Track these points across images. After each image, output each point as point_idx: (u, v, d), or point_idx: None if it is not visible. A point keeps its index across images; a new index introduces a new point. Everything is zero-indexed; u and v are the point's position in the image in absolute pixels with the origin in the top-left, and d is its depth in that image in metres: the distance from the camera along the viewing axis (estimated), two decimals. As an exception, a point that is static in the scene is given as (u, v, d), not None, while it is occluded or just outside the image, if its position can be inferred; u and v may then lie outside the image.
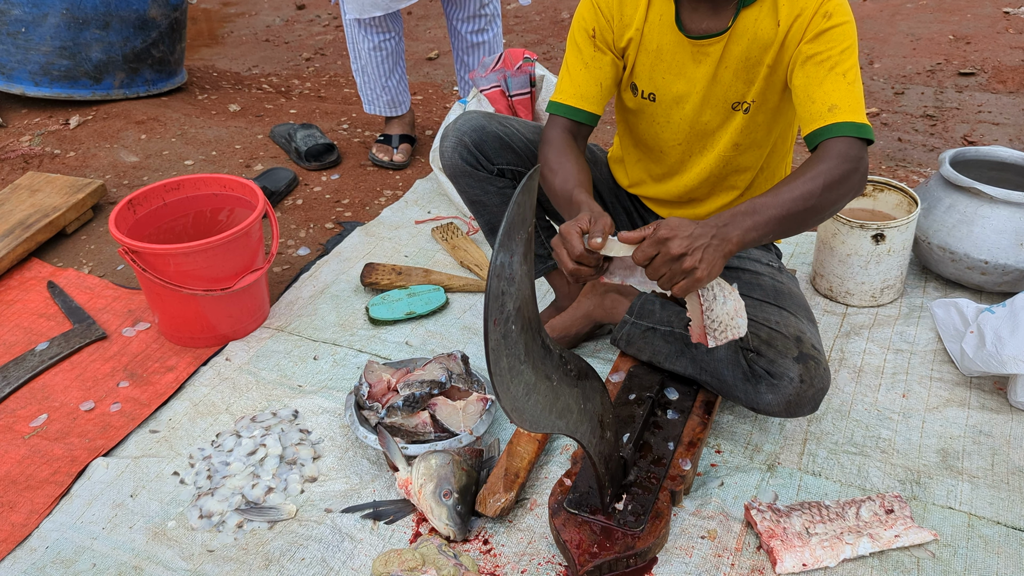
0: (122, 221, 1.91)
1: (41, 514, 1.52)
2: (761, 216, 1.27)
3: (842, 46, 1.39)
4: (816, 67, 1.40)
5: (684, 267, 1.20)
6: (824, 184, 1.31)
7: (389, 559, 1.33)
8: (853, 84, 1.39)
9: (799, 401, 1.47)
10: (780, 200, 1.29)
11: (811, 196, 1.30)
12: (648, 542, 1.35)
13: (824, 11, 1.40)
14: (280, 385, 1.83)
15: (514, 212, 0.97)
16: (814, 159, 1.35)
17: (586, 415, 1.27)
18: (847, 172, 1.33)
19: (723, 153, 1.59)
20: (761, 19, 1.44)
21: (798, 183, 1.31)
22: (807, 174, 1.32)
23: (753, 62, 1.48)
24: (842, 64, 1.39)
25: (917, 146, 2.94)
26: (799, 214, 1.30)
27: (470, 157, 1.72)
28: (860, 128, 1.37)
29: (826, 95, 1.38)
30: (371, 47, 2.69)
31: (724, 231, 1.24)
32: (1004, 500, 1.48)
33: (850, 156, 1.34)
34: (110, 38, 3.15)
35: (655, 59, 1.54)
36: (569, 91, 1.58)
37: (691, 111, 1.56)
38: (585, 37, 1.56)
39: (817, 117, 1.39)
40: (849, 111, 1.37)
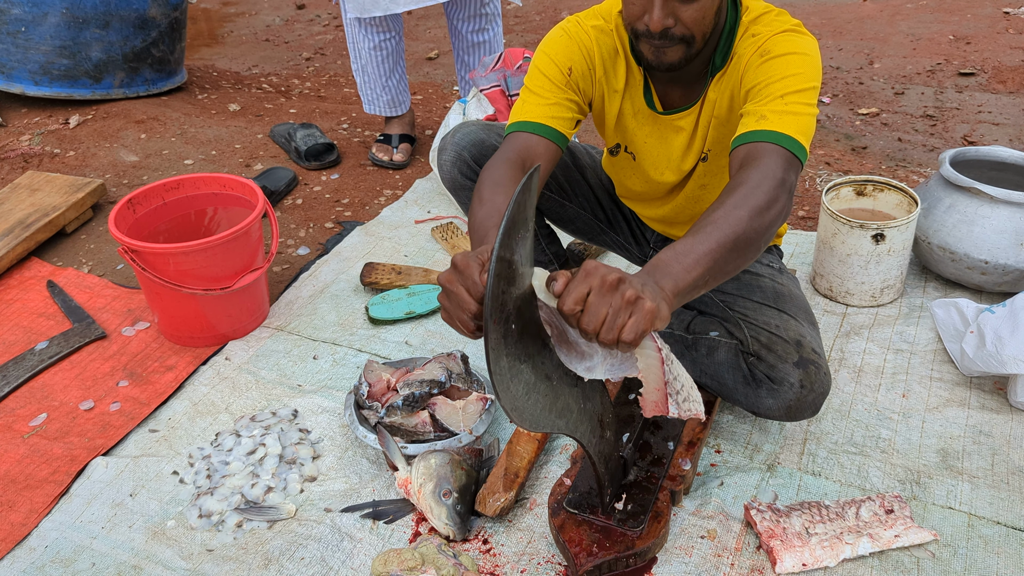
0: (122, 220, 1.91)
1: (40, 513, 1.52)
2: (689, 257, 1.10)
3: (782, 73, 1.30)
4: (754, 96, 1.32)
5: (627, 297, 0.98)
6: (751, 210, 1.15)
7: (388, 559, 1.33)
8: (791, 106, 1.28)
9: (800, 406, 1.47)
10: (707, 237, 1.12)
11: (739, 224, 1.14)
12: (648, 542, 1.35)
13: (761, 51, 1.33)
14: (280, 384, 1.83)
15: (514, 211, 0.97)
16: (732, 184, 1.21)
17: (586, 415, 1.27)
18: (771, 196, 1.18)
19: (690, 193, 1.60)
20: (722, 81, 1.41)
21: (721, 213, 1.15)
22: (728, 201, 1.17)
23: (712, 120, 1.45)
24: (781, 87, 1.29)
25: (917, 146, 2.94)
26: (733, 249, 1.13)
27: (469, 172, 1.71)
28: (790, 141, 1.25)
29: (757, 109, 1.30)
30: (371, 46, 2.69)
31: (657, 279, 1.06)
32: (1004, 500, 1.48)
33: (771, 174, 1.20)
34: (110, 37, 3.15)
35: (636, 124, 1.52)
36: (537, 111, 1.42)
37: (667, 171, 1.57)
38: (557, 72, 1.44)
39: (743, 126, 1.30)
40: (779, 123, 1.26)
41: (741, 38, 1.38)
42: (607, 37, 1.47)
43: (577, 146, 1.80)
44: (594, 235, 1.84)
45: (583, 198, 1.77)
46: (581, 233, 1.85)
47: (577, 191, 1.75)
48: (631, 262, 1.90)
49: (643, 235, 1.81)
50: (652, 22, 1.26)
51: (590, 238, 1.86)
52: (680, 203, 1.64)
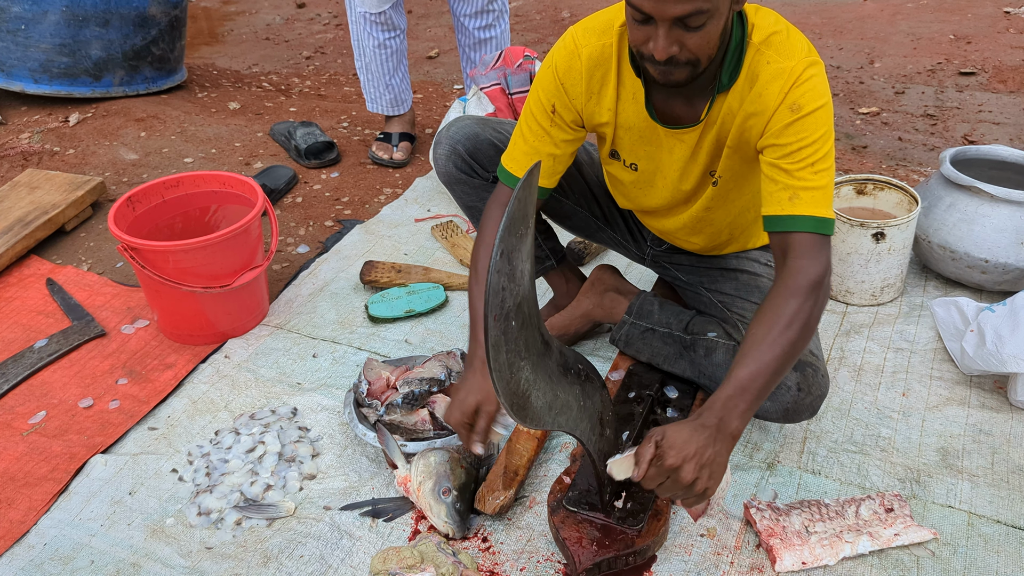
0: (121, 218, 1.90)
1: (39, 511, 1.52)
2: (751, 392, 1.23)
3: (812, 136, 1.31)
4: (783, 158, 1.33)
5: (697, 491, 1.19)
6: (801, 328, 1.26)
7: (388, 557, 1.33)
8: (821, 175, 1.31)
9: (797, 408, 1.47)
10: (763, 365, 1.23)
11: (791, 347, 1.25)
12: (647, 540, 1.35)
13: (790, 103, 1.31)
14: (279, 383, 1.83)
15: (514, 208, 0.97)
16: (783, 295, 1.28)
17: (586, 412, 1.27)
18: (817, 303, 1.28)
19: (696, 213, 1.58)
20: (732, 103, 1.38)
21: (775, 336, 1.25)
22: (781, 321, 1.26)
23: (721, 141, 1.43)
24: (813, 155, 1.31)
25: (917, 145, 2.93)
26: (784, 369, 1.26)
27: (464, 166, 1.71)
28: (821, 223, 1.30)
29: (789, 182, 1.32)
30: (376, 44, 2.69)
31: (724, 427, 1.21)
32: (1004, 499, 1.47)
33: (816, 280, 1.28)
34: (110, 36, 3.14)
35: (635, 136, 1.49)
36: (521, 162, 1.51)
37: (671, 182, 1.54)
38: (543, 111, 1.48)
39: (777, 202, 1.33)
40: (812, 204, 1.30)
41: (753, 59, 1.34)
42: (600, 58, 1.43)
43: None
44: (591, 232, 1.83)
45: (580, 194, 1.76)
46: (579, 230, 1.84)
47: (574, 187, 1.75)
48: (630, 259, 1.89)
49: (640, 233, 1.80)
50: (657, 51, 1.24)
51: (588, 235, 1.85)
52: (684, 221, 1.61)
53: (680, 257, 1.76)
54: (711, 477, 1.19)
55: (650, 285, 2.01)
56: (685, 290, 1.77)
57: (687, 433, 1.19)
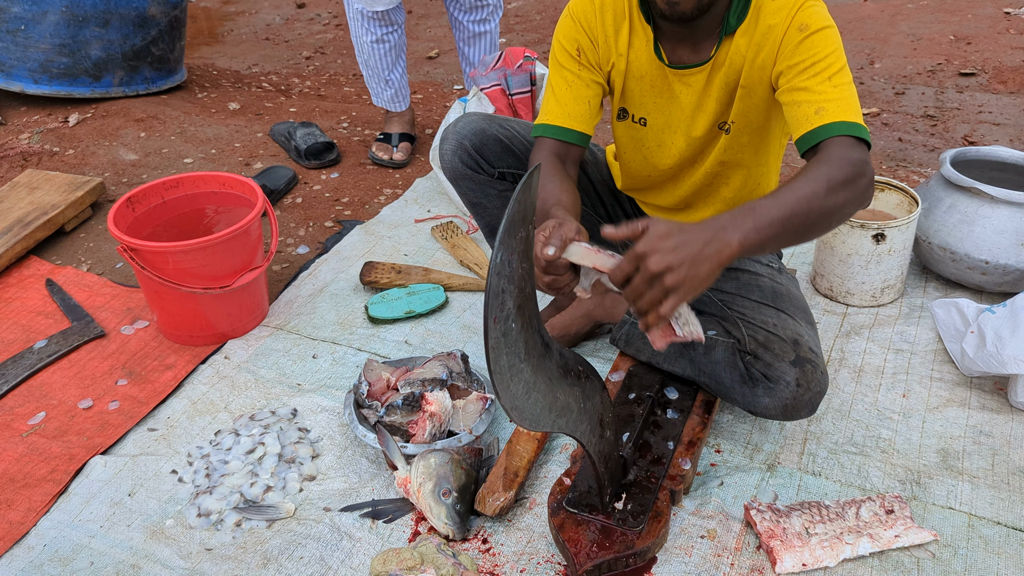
0: (121, 219, 1.90)
1: (39, 512, 1.52)
2: (763, 218, 1.15)
3: (825, 51, 1.33)
4: (799, 75, 1.35)
5: (666, 284, 1.07)
6: (828, 185, 1.21)
7: (388, 558, 1.33)
8: (841, 87, 1.32)
9: (796, 405, 1.47)
10: (783, 202, 1.18)
11: (815, 197, 1.20)
12: (647, 541, 1.35)
13: (798, 24, 1.34)
14: (279, 384, 1.83)
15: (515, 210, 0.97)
16: (813, 162, 1.27)
17: (586, 414, 1.27)
18: (851, 176, 1.24)
19: (709, 169, 1.58)
20: (740, 45, 1.41)
21: (799, 184, 1.21)
22: (808, 176, 1.23)
23: (731, 84, 1.45)
24: (828, 68, 1.33)
25: (918, 146, 2.93)
26: (803, 216, 1.19)
27: (470, 161, 1.71)
28: (853, 127, 1.30)
29: (812, 98, 1.32)
30: (373, 40, 2.69)
31: (723, 235, 1.11)
32: (1004, 500, 1.47)
33: (851, 159, 1.25)
34: (109, 36, 3.14)
35: (644, 86, 1.52)
36: (556, 111, 1.52)
37: (681, 135, 1.55)
38: (568, 56, 1.51)
39: (804, 121, 1.33)
40: (839, 111, 1.30)
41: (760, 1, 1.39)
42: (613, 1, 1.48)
43: None
44: (594, 232, 1.83)
45: (583, 193, 1.76)
46: None
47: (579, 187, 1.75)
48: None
49: (644, 232, 1.80)
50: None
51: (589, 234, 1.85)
52: (699, 180, 1.59)
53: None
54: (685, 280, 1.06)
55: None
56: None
57: (670, 226, 1.10)
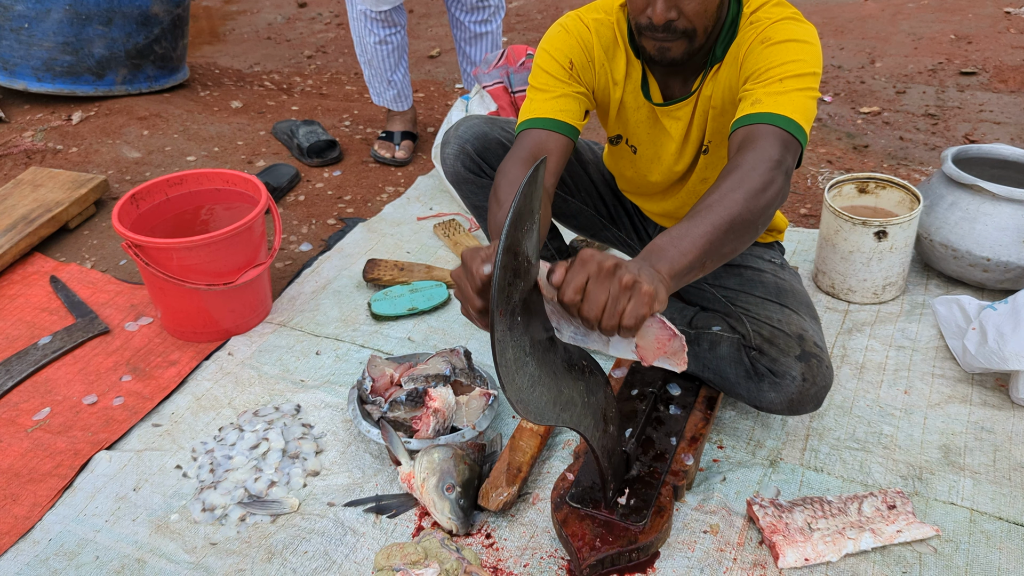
0: (125, 216, 1.91)
1: (44, 507, 1.52)
2: (685, 241, 1.11)
3: (783, 59, 1.29)
4: (752, 81, 1.32)
5: (623, 282, 1.00)
6: (747, 193, 1.16)
7: (391, 553, 1.33)
8: (787, 85, 1.27)
9: (802, 399, 1.47)
10: (702, 221, 1.13)
11: (735, 206, 1.15)
12: (650, 536, 1.35)
13: (761, 37, 1.33)
14: (282, 380, 1.84)
15: (520, 203, 0.98)
16: (728, 167, 1.21)
17: (589, 409, 1.27)
18: (766, 177, 1.18)
19: (692, 187, 1.60)
20: (721, 71, 1.41)
21: (715, 197, 1.16)
22: (723, 184, 1.17)
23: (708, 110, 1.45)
24: (782, 72, 1.28)
25: (919, 145, 2.94)
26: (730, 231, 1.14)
27: (472, 165, 1.71)
28: (787, 121, 1.24)
29: (754, 90, 1.29)
30: (376, 41, 2.70)
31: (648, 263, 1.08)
32: (1006, 496, 1.48)
33: (766, 156, 1.20)
34: (113, 34, 3.15)
35: (640, 117, 1.52)
36: (545, 106, 1.42)
37: (668, 162, 1.56)
38: (558, 67, 1.44)
39: (740, 111, 1.30)
40: (774, 104, 1.25)
41: (742, 28, 1.38)
42: (607, 29, 1.47)
43: (580, 142, 1.80)
44: (596, 231, 1.84)
45: (585, 193, 1.77)
46: (583, 228, 1.85)
47: (580, 186, 1.76)
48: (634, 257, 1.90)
49: (645, 230, 1.81)
50: (655, 14, 1.27)
51: (592, 234, 1.86)
52: (683, 197, 1.64)
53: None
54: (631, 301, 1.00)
55: (652, 283, 2.02)
56: (688, 286, 1.77)
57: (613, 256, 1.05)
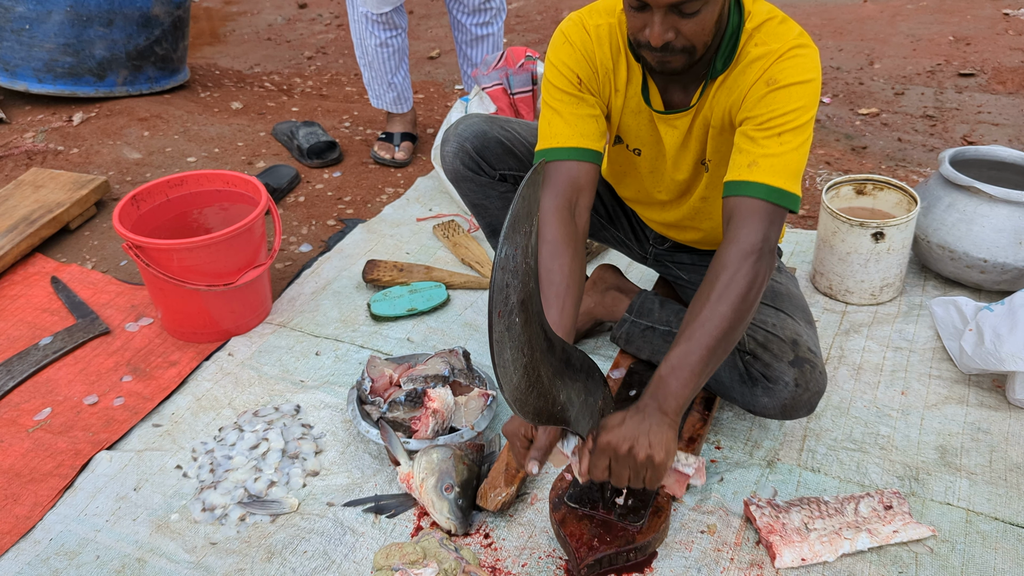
0: (126, 217, 1.92)
1: (45, 507, 1.53)
2: (684, 371, 1.22)
3: (785, 108, 1.30)
4: (751, 123, 1.33)
5: (640, 459, 1.17)
6: (737, 302, 1.24)
7: (390, 552, 1.34)
8: (786, 145, 1.29)
9: (794, 405, 1.48)
10: (697, 344, 1.22)
11: (726, 322, 1.23)
12: (648, 536, 1.36)
13: (767, 78, 1.31)
14: (282, 380, 1.84)
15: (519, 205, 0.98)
16: (717, 267, 1.27)
17: (588, 409, 1.28)
18: (755, 274, 1.25)
19: (694, 204, 1.59)
20: (722, 88, 1.40)
21: (708, 314, 1.24)
22: (711, 299, 1.24)
23: (707, 127, 1.45)
24: (781, 126, 1.30)
25: (917, 146, 2.95)
26: (722, 345, 1.24)
27: (471, 163, 1.72)
28: (777, 193, 1.28)
29: (752, 149, 1.30)
30: (377, 43, 2.70)
31: (657, 406, 1.20)
32: (1002, 496, 1.49)
33: (752, 246, 1.26)
34: (113, 35, 3.16)
35: (642, 120, 1.51)
36: (565, 132, 1.42)
37: (669, 167, 1.55)
38: (569, 84, 1.44)
39: (735, 169, 1.32)
40: (770, 172, 1.28)
41: (745, 45, 1.36)
42: (610, 34, 1.45)
43: None
44: (595, 231, 1.85)
45: None
46: None
47: None
48: (631, 258, 1.90)
49: (643, 232, 1.82)
50: (653, 37, 1.26)
51: (591, 234, 1.86)
52: (685, 212, 1.62)
53: (682, 256, 1.77)
54: (651, 445, 1.17)
55: (651, 285, 2.03)
56: (685, 288, 1.78)
57: (618, 417, 1.21)
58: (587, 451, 1.21)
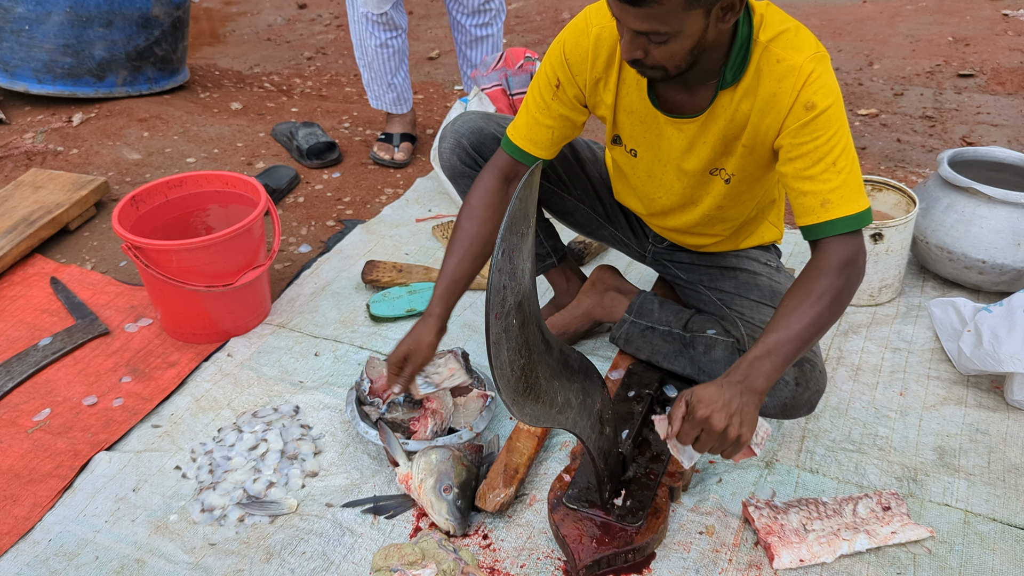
0: (125, 217, 1.92)
1: (44, 507, 1.53)
2: (778, 356, 1.28)
3: (828, 133, 1.32)
4: (803, 159, 1.34)
5: (730, 438, 1.24)
6: (830, 302, 1.31)
7: (389, 553, 1.34)
8: (844, 171, 1.33)
9: (795, 403, 1.48)
10: (791, 334, 1.29)
11: (820, 318, 1.30)
12: (647, 537, 1.36)
13: (804, 102, 1.32)
14: (281, 381, 1.85)
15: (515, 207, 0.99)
16: (814, 272, 1.33)
17: (586, 410, 1.28)
18: (848, 280, 1.33)
19: (706, 212, 1.58)
20: (740, 101, 1.38)
21: (805, 308, 1.30)
22: (811, 295, 1.31)
23: (731, 139, 1.43)
24: (831, 153, 1.32)
25: (916, 147, 2.95)
26: (812, 339, 1.31)
27: (468, 159, 1.72)
28: (856, 219, 1.34)
29: (817, 188, 1.33)
30: (377, 44, 2.70)
31: (749, 384, 1.26)
32: (1000, 497, 1.49)
33: (847, 260, 1.33)
34: (113, 36, 3.16)
35: (635, 120, 1.50)
36: (523, 131, 1.55)
37: (672, 172, 1.54)
38: (548, 85, 1.51)
39: (810, 211, 1.35)
40: (843, 203, 1.33)
41: (760, 56, 1.34)
42: (611, 37, 1.45)
43: (578, 140, 1.80)
44: (593, 229, 1.85)
45: (582, 191, 1.78)
46: (580, 227, 1.85)
47: (576, 184, 1.76)
48: (631, 257, 1.90)
49: (643, 230, 1.82)
50: (622, 52, 1.29)
51: (589, 232, 1.86)
52: (696, 219, 1.61)
53: (681, 255, 1.77)
54: (742, 424, 1.24)
55: (650, 285, 2.03)
56: (684, 288, 1.78)
57: (713, 389, 1.25)
58: (679, 416, 1.26)
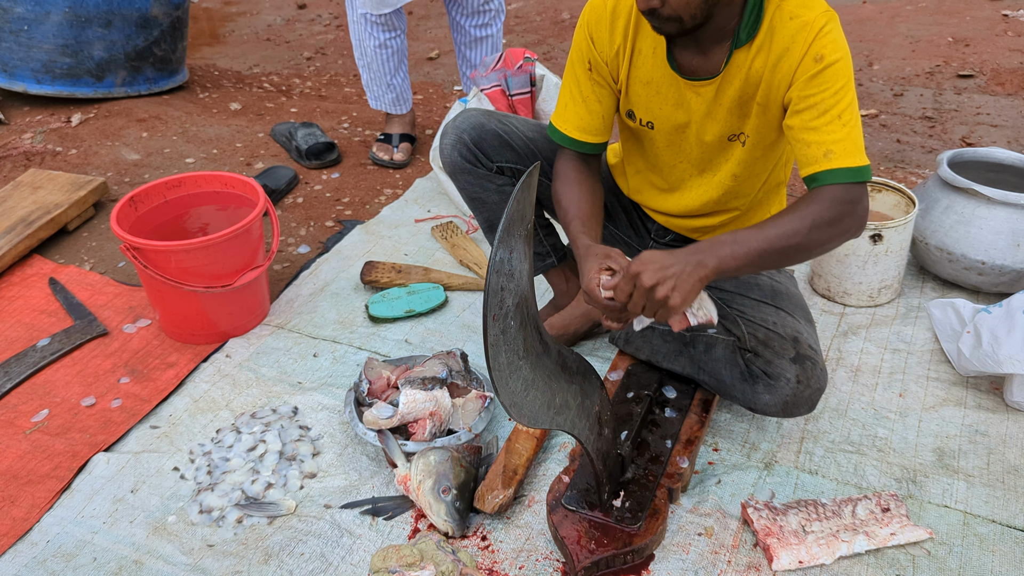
0: (124, 218, 1.92)
1: (42, 508, 1.53)
2: (741, 247, 1.30)
3: (835, 87, 1.35)
4: (809, 111, 1.36)
5: (657, 297, 1.25)
6: (812, 224, 1.32)
7: (388, 554, 1.34)
8: (848, 125, 1.36)
9: (796, 401, 1.48)
10: (764, 235, 1.31)
11: (796, 234, 1.32)
12: (645, 539, 1.36)
13: (814, 54, 1.35)
14: (280, 382, 1.84)
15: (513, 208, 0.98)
16: (807, 199, 1.36)
17: (584, 412, 1.28)
18: (839, 215, 1.34)
19: (723, 182, 1.58)
20: (754, 59, 1.40)
21: (785, 220, 1.33)
22: (796, 213, 1.34)
23: (747, 99, 1.45)
24: (837, 106, 1.35)
25: (915, 147, 2.95)
26: (781, 250, 1.32)
27: (469, 155, 1.73)
28: (857, 172, 1.35)
29: (821, 139, 1.36)
30: (376, 45, 2.70)
31: (700, 257, 1.28)
32: (999, 499, 1.49)
33: (844, 199, 1.34)
34: (112, 36, 3.16)
35: (651, 91, 1.51)
36: (573, 122, 1.58)
37: (691, 139, 1.54)
38: (583, 69, 1.55)
39: (812, 161, 1.37)
40: (845, 155, 1.35)
41: (773, 15, 1.38)
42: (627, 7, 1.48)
43: None
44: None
45: None
46: None
47: None
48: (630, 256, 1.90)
49: (644, 226, 1.81)
50: (639, 1, 1.33)
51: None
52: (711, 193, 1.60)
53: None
54: (674, 289, 1.24)
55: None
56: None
57: (659, 254, 1.28)
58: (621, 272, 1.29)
